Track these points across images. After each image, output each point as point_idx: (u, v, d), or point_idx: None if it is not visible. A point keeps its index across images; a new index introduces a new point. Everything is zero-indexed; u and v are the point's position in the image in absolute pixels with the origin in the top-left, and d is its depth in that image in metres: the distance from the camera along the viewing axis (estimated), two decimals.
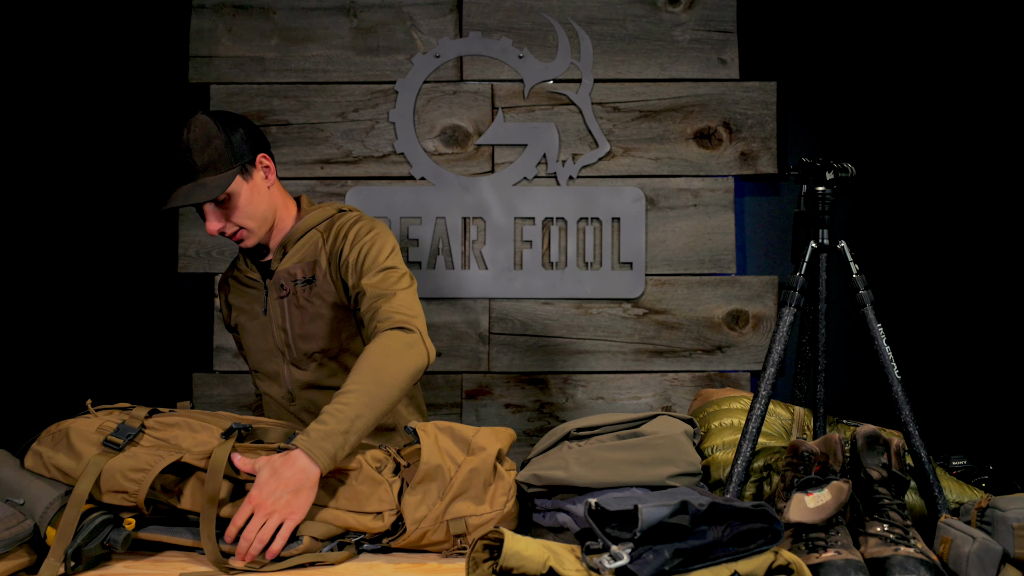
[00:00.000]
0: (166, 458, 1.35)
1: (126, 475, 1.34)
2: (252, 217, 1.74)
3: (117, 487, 1.34)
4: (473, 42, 2.73)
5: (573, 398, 2.72)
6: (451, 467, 1.41)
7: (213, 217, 1.71)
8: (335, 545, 1.38)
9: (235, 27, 2.73)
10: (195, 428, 1.45)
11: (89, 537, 1.28)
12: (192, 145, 1.68)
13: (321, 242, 1.80)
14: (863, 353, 1.66)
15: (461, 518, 1.37)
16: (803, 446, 1.40)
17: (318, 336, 1.79)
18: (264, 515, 1.32)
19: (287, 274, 1.79)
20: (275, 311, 1.81)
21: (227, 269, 1.98)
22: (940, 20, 2.76)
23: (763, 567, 1.17)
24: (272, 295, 1.81)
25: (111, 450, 1.37)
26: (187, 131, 1.70)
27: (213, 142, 1.69)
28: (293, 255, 1.81)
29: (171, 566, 1.32)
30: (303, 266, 1.79)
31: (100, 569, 1.30)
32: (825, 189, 1.69)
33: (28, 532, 1.28)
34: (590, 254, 2.71)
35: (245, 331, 1.89)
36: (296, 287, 1.78)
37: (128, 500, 1.34)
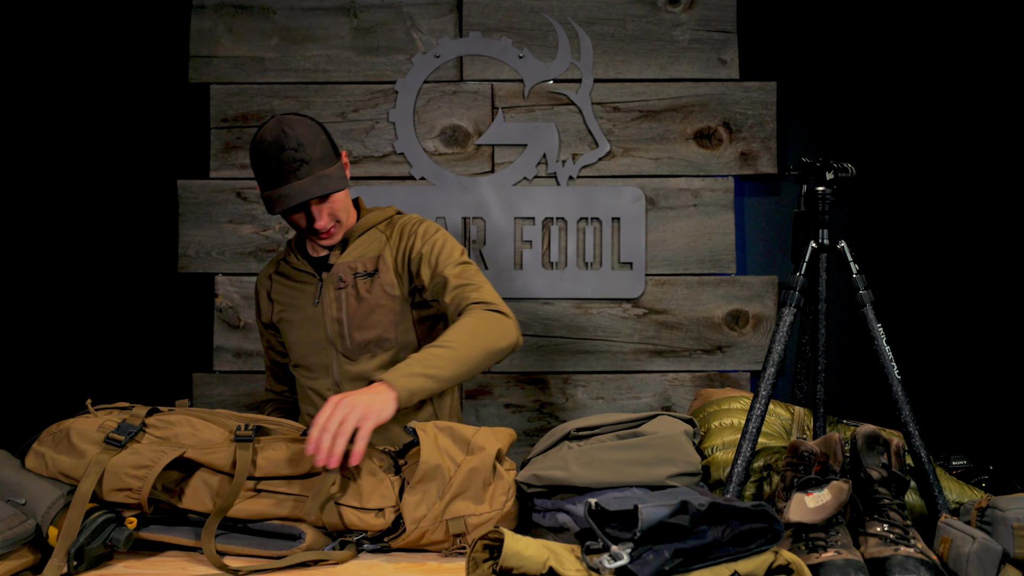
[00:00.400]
0: (170, 453, 1.35)
1: (129, 472, 1.34)
2: (345, 211, 1.82)
3: (121, 485, 1.34)
4: (473, 42, 2.73)
5: (573, 398, 2.72)
6: (450, 467, 1.41)
7: (318, 212, 1.76)
8: (336, 544, 1.38)
9: (235, 27, 2.73)
10: (196, 426, 1.45)
11: (92, 536, 1.28)
12: (303, 140, 1.72)
13: (384, 239, 1.87)
14: (863, 353, 1.66)
15: (460, 518, 1.37)
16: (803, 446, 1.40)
17: (375, 326, 1.83)
18: (344, 410, 1.37)
19: (347, 267, 1.85)
20: (330, 303, 1.85)
21: (266, 268, 2.02)
22: (940, 20, 2.76)
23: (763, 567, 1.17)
24: (328, 287, 1.85)
25: (113, 448, 1.37)
26: (286, 129, 1.72)
27: (320, 137, 1.75)
28: (354, 250, 1.87)
29: (171, 566, 1.32)
30: (364, 260, 1.85)
31: (101, 569, 1.30)
32: (825, 189, 1.69)
33: (30, 532, 1.28)
34: (590, 254, 2.71)
35: (291, 325, 1.92)
36: (356, 279, 1.84)
37: (131, 498, 1.34)
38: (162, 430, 1.43)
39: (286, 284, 1.94)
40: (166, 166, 2.76)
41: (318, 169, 1.73)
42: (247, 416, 1.55)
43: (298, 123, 1.74)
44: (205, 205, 2.71)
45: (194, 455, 1.37)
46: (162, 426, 1.44)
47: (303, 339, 1.90)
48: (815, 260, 1.70)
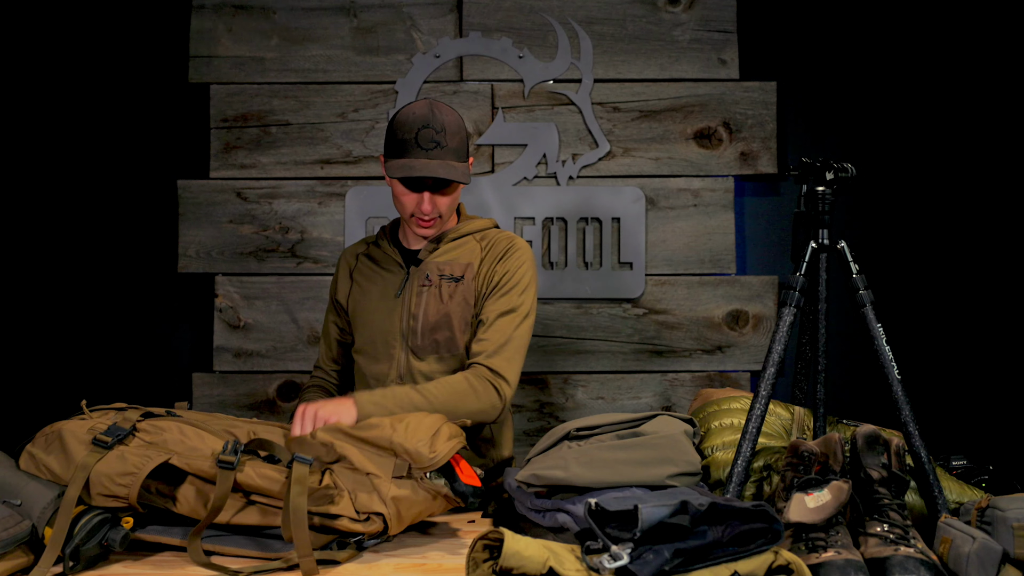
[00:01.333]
0: (154, 459, 1.35)
1: (114, 479, 1.34)
2: (450, 210, 1.85)
3: (107, 491, 1.34)
4: (473, 42, 2.73)
5: (573, 398, 2.72)
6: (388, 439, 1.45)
7: (430, 198, 1.79)
8: (334, 544, 1.38)
9: (235, 27, 2.73)
10: (187, 434, 1.45)
11: (87, 537, 1.28)
12: (447, 127, 1.77)
13: (478, 249, 1.90)
14: (863, 353, 1.66)
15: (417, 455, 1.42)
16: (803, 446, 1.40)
17: (448, 330, 1.85)
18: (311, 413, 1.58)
19: (436, 267, 1.87)
20: (410, 297, 1.87)
21: (355, 246, 2.04)
22: (940, 20, 2.76)
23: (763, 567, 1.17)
24: (413, 282, 1.87)
25: (100, 450, 1.36)
26: (435, 111, 1.77)
27: (460, 132, 1.80)
28: (446, 252, 1.89)
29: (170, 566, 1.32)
30: (454, 265, 1.87)
31: (99, 569, 1.30)
32: (825, 189, 1.69)
33: (26, 533, 1.28)
34: (590, 254, 2.71)
35: (363, 308, 1.93)
36: (441, 280, 1.86)
37: (121, 503, 1.34)
38: (152, 435, 1.43)
39: (372, 268, 1.95)
40: (166, 166, 2.76)
41: (449, 158, 1.76)
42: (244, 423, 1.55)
43: (447, 111, 1.79)
44: (205, 205, 2.71)
45: (178, 462, 1.36)
46: (152, 431, 1.43)
47: (376, 325, 1.90)
48: (815, 260, 1.70)
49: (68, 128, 2.79)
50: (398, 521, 1.42)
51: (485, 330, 1.82)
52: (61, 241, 2.78)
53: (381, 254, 1.95)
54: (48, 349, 2.76)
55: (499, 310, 1.84)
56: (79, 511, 1.30)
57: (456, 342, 1.86)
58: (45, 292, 2.78)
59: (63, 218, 2.78)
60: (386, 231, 1.98)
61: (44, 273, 2.78)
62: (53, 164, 2.79)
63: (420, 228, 1.84)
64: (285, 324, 2.70)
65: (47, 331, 2.77)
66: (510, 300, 1.85)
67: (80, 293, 2.77)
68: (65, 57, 2.78)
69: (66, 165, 2.79)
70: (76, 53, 2.78)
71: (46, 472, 1.38)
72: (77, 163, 2.79)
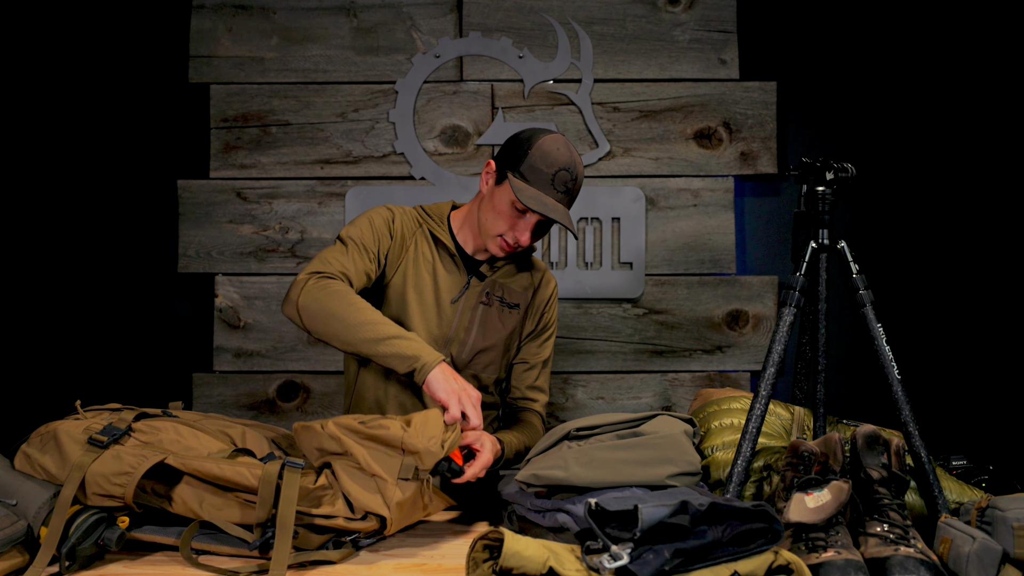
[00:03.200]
0: (150, 459, 1.35)
1: (110, 479, 1.33)
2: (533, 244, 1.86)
3: (103, 491, 1.34)
4: (473, 42, 2.73)
5: (573, 398, 2.72)
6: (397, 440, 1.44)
7: (531, 234, 1.77)
8: (330, 543, 1.38)
9: (235, 27, 2.73)
10: (182, 433, 1.45)
11: (83, 536, 1.28)
12: (578, 178, 1.76)
13: (529, 279, 1.91)
14: (863, 353, 1.66)
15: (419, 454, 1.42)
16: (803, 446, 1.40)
17: (493, 351, 1.87)
18: (471, 398, 1.57)
19: (499, 287, 1.86)
20: (467, 308, 1.83)
21: (410, 211, 1.87)
22: (940, 20, 2.76)
23: (763, 567, 1.17)
24: (473, 293, 1.83)
25: (95, 449, 1.36)
26: (574, 158, 1.75)
27: (580, 189, 1.80)
28: (504, 275, 1.87)
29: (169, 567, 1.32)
30: (512, 291, 1.88)
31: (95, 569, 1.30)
32: (825, 189, 1.69)
33: (21, 533, 1.28)
34: (590, 254, 2.71)
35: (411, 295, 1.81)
36: (500, 303, 1.86)
37: (117, 501, 1.34)
38: (148, 435, 1.43)
39: (432, 253, 1.83)
40: (166, 166, 2.76)
41: (570, 207, 1.78)
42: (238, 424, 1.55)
43: (580, 163, 1.77)
44: (205, 205, 2.71)
45: (174, 462, 1.36)
46: (148, 431, 1.43)
47: (418, 324, 1.79)
48: (815, 260, 1.70)
49: (68, 128, 2.78)
50: (398, 523, 1.42)
51: (537, 376, 1.92)
52: (61, 241, 2.78)
53: (443, 244, 1.83)
54: (48, 349, 2.76)
55: (544, 357, 1.93)
56: (75, 511, 1.30)
57: (495, 367, 1.88)
58: (45, 292, 2.78)
59: (63, 218, 2.78)
60: (449, 219, 1.87)
61: (44, 273, 2.77)
62: (53, 164, 2.78)
63: (498, 248, 1.78)
64: (285, 324, 2.70)
65: (47, 331, 2.77)
66: (549, 348, 1.95)
67: (80, 293, 2.77)
68: (65, 57, 2.78)
69: (66, 165, 2.79)
70: (76, 53, 2.78)
71: (41, 472, 1.38)
72: (77, 163, 2.79)
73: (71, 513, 1.30)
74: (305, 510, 1.36)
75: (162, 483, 1.39)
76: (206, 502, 1.37)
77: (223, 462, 1.38)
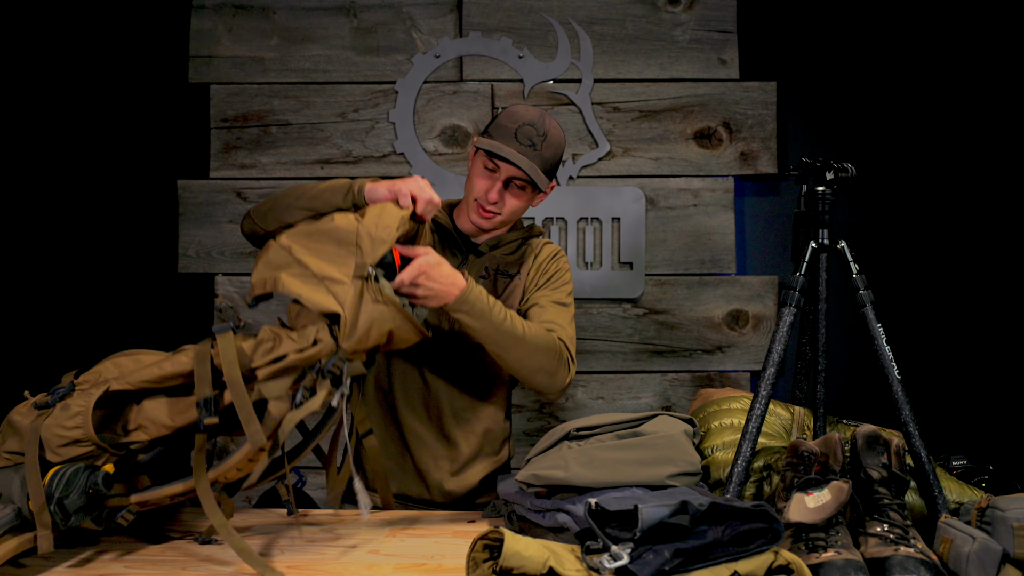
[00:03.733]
0: (96, 392, 1.32)
1: (64, 426, 1.31)
2: (514, 213, 1.81)
3: (63, 440, 1.31)
4: (473, 42, 2.73)
5: (573, 398, 2.72)
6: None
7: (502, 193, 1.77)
8: (302, 390, 1.34)
9: (235, 27, 2.73)
10: (121, 363, 1.42)
11: (65, 488, 1.26)
12: (548, 136, 1.76)
13: (528, 250, 1.88)
14: (863, 353, 1.66)
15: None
16: (803, 446, 1.40)
17: None
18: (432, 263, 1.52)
19: (494, 259, 1.85)
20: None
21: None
22: (940, 20, 2.76)
23: (763, 567, 1.17)
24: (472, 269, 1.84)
25: (44, 411, 1.35)
26: (544, 119, 1.77)
27: (558, 150, 1.78)
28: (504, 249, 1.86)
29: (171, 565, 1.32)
30: (509, 262, 1.85)
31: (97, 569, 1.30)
32: (825, 189, 1.70)
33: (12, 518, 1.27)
34: (590, 254, 2.71)
35: None
36: (497, 276, 1.84)
37: (83, 447, 1.32)
38: (89, 381, 1.40)
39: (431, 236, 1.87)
40: (166, 166, 2.76)
41: (537, 163, 1.75)
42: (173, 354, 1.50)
43: (555, 127, 1.78)
44: (205, 205, 2.72)
45: (119, 385, 1.33)
46: (90, 377, 1.40)
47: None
48: (815, 260, 1.70)
49: (69, 128, 2.79)
50: (353, 327, 1.37)
51: (543, 312, 1.76)
52: (61, 241, 2.78)
53: (444, 228, 1.87)
54: (48, 349, 2.76)
55: (552, 299, 1.80)
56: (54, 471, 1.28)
57: None
58: (45, 292, 2.78)
59: (64, 218, 2.78)
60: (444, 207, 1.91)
61: (44, 273, 2.78)
62: (54, 164, 2.79)
63: (478, 216, 1.79)
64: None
65: (47, 331, 2.77)
66: (561, 295, 1.82)
67: (80, 293, 2.77)
68: (66, 57, 2.78)
69: (67, 165, 2.79)
70: (77, 53, 2.78)
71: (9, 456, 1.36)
72: (78, 163, 2.79)
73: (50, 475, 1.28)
74: (253, 365, 1.32)
75: (123, 417, 1.36)
76: (172, 409, 1.34)
77: (163, 361, 1.36)
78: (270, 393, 1.31)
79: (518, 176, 1.73)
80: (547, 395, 1.72)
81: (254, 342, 1.37)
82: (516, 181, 1.75)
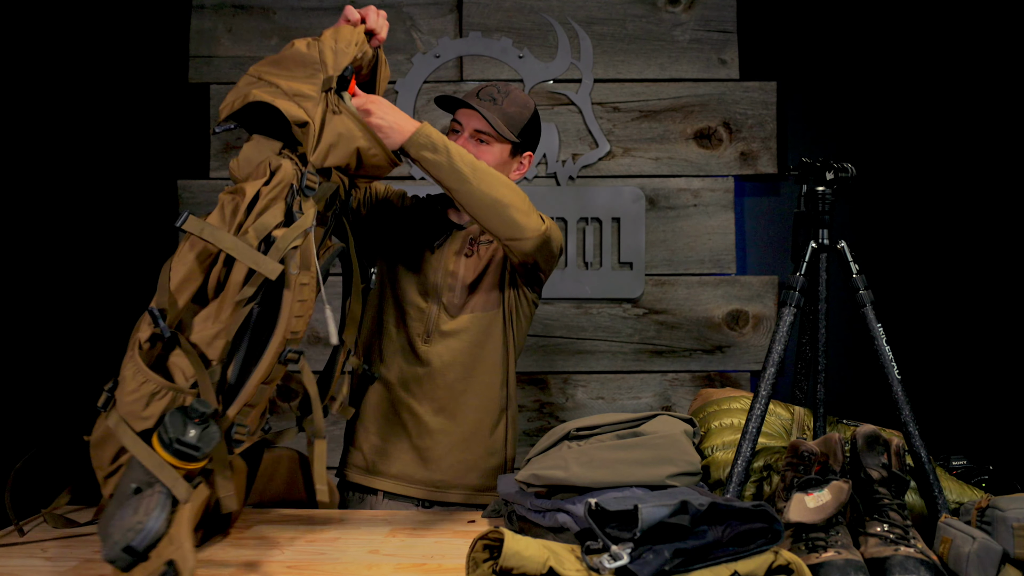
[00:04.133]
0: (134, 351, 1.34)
1: (130, 390, 1.30)
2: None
3: (139, 405, 1.29)
4: (473, 42, 2.73)
5: (573, 398, 2.72)
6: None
7: (464, 141, 1.78)
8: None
9: (235, 27, 2.73)
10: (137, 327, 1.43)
11: (175, 432, 1.22)
12: (510, 94, 1.80)
13: None
14: (863, 353, 1.66)
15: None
16: (803, 446, 1.40)
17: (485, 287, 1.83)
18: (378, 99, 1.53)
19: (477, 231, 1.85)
20: (449, 256, 1.84)
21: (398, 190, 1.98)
22: (940, 20, 2.76)
23: (763, 567, 1.17)
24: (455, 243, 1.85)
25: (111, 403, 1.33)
26: (511, 85, 1.83)
27: (524, 112, 1.81)
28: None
29: None
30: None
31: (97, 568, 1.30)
32: (825, 189, 1.69)
33: (165, 495, 1.21)
34: (590, 254, 2.71)
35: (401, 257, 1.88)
36: (479, 246, 1.85)
37: (162, 397, 1.29)
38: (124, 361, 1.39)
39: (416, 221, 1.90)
40: (166, 166, 2.76)
41: (499, 116, 1.76)
42: None
43: (522, 93, 1.83)
44: (205, 205, 2.71)
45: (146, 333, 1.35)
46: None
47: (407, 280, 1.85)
48: (815, 260, 1.70)
49: (69, 128, 2.78)
50: (318, 138, 1.39)
51: None
52: (61, 241, 2.78)
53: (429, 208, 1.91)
54: (48, 350, 2.76)
55: None
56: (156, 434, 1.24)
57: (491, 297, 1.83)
58: (45, 292, 2.78)
59: (63, 218, 2.78)
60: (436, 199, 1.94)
61: (44, 273, 2.77)
62: (54, 164, 2.78)
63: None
64: None
65: (47, 331, 2.77)
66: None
67: (80, 293, 2.77)
68: (65, 57, 2.78)
69: (67, 165, 2.79)
70: (76, 53, 2.78)
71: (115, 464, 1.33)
72: (78, 163, 2.79)
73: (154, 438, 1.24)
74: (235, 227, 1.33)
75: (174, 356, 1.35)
76: (210, 318, 1.34)
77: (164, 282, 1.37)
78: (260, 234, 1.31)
79: (481, 128, 1.76)
80: (525, 241, 1.66)
81: (216, 212, 1.35)
82: (480, 135, 1.77)
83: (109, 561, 1.15)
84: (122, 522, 1.17)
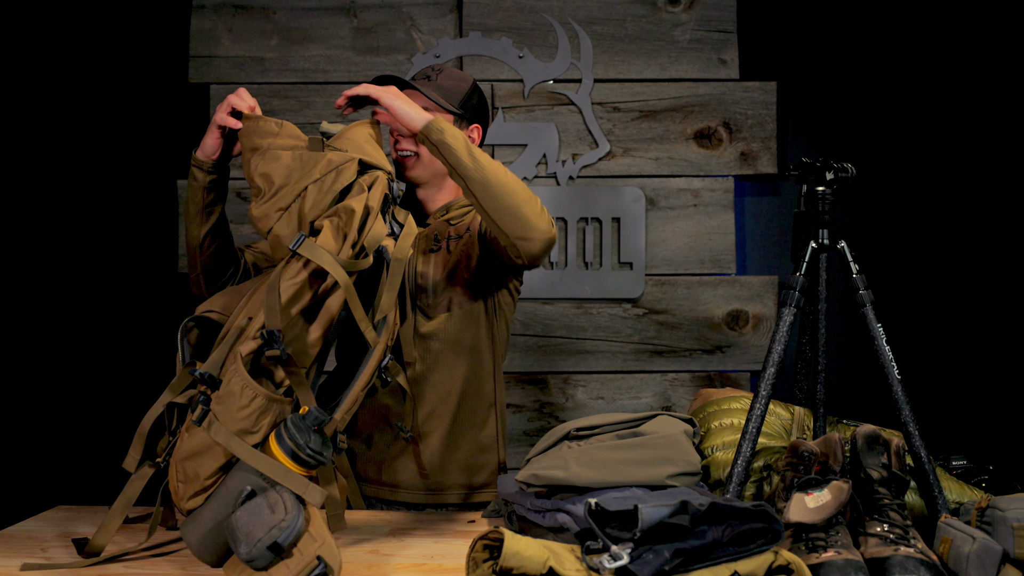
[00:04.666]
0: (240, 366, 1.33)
1: (240, 406, 1.31)
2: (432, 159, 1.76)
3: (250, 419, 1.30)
4: (473, 42, 2.73)
5: (573, 398, 2.72)
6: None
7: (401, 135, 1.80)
8: (395, 226, 1.42)
9: (235, 27, 2.73)
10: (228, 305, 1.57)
11: (303, 437, 1.26)
12: (444, 72, 1.82)
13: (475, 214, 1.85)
14: (863, 353, 1.66)
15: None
16: (803, 446, 1.40)
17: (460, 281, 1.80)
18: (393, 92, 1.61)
19: (444, 224, 1.84)
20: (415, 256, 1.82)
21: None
22: (939, 20, 2.76)
23: (763, 567, 1.17)
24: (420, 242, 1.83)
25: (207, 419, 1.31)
26: (444, 66, 1.85)
27: (461, 84, 1.82)
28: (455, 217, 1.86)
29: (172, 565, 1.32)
30: (459, 227, 1.83)
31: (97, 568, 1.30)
32: (825, 189, 1.69)
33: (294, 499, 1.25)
34: (590, 254, 2.71)
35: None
36: (448, 241, 1.82)
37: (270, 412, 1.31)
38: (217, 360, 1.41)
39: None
40: (166, 166, 2.76)
41: (433, 90, 1.77)
42: None
43: (457, 70, 1.87)
44: None
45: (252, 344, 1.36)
46: (215, 357, 1.42)
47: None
48: (815, 260, 1.70)
49: (68, 128, 2.79)
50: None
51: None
52: (61, 241, 2.78)
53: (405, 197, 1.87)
54: (48, 349, 2.76)
55: None
56: (272, 441, 1.28)
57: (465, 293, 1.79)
58: (45, 292, 2.78)
59: (63, 218, 2.78)
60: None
61: (44, 273, 2.78)
62: (53, 164, 2.79)
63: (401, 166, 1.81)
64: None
65: (46, 331, 2.77)
66: None
67: (80, 293, 2.77)
68: (65, 57, 2.78)
69: (66, 165, 2.79)
70: (76, 53, 2.78)
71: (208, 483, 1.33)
72: (77, 163, 2.79)
73: (273, 447, 1.27)
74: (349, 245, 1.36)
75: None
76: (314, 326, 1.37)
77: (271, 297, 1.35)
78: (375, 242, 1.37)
79: (420, 104, 1.70)
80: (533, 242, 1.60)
81: (329, 226, 1.38)
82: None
83: (247, 561, 1.18)
84: (263, 521, 1.20)
